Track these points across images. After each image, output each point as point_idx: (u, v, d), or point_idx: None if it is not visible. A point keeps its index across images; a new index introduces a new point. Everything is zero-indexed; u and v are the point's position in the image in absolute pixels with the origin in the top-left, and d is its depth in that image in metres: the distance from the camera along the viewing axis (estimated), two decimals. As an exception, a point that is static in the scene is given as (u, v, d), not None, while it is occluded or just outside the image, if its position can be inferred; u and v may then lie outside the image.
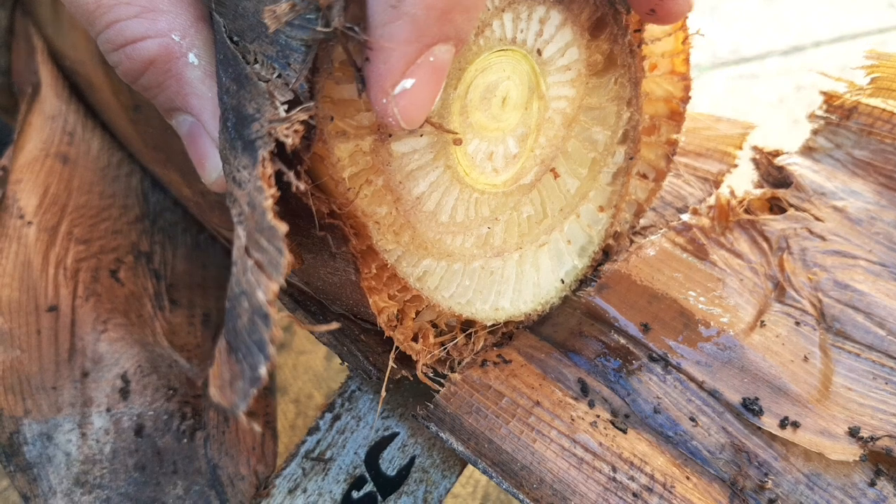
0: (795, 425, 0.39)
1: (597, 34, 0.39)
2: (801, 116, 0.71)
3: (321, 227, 0.33)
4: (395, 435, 0.43)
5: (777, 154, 0.52)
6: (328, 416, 0.43)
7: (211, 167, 0.35)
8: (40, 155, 0.60)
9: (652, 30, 0.42)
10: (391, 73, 0.27)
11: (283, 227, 0.25)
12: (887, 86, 0.51)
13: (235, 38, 0.33)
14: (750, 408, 0.39)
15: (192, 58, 0.34)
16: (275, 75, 0.29)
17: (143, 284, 0.56)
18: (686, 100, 0.45)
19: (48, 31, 0.63)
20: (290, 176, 0.28)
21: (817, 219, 0.48)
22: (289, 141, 0.27)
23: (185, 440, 0.45)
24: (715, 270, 0.45)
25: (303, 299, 0.42)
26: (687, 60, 0.44)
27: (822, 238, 0.48)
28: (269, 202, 0.26)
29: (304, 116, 0.28)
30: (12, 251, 0.52)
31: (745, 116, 0.71)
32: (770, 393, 0.40)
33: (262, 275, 0.25)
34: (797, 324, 0.43)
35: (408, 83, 0.28)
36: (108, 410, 0.46)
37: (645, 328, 0.42)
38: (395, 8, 0.26)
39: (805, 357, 0.42)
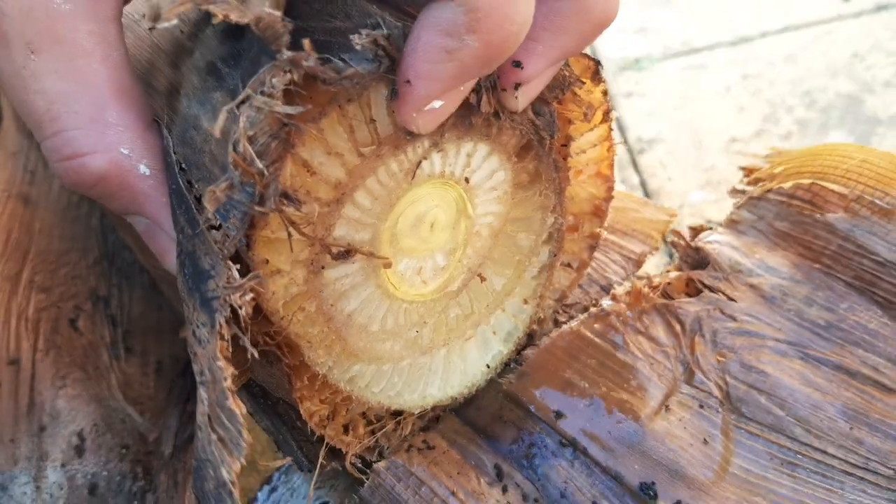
0: (687, 509, 0.44)
1: (523, 156, 0.41)
2: (747, 104, 0.77)
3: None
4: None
5: (701, 230, 0.56)
6: (266, 488, 0.47)
7: (171, 260, 0.36)
8: (2, 196, 0.61)
9: (579, 143, 0.45)
10: (426, 98, 0.32)
11: (241, 410, 0.29)
12: (796, 170, 0.55)
13: (184, 166, 0.35)
14: (647, 492, 0.44)
15: (142, 168, 0.34)
16: (217, 222, 0.32)
17: (101, 333, 0.58)
18: (609, 199, 0.48)
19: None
20: (246, 341, 0.31)
21: (730, 299, 0.52)
22: (242, 311, 0.30)
23: (136, 502, 0.48)
24: (628, 356, 0.49)
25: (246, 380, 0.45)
26: (611, 165, 0.47)
27: (733, 318, 0.52)
28: (229, 383, 0.29)
29: (255, 283, 0.31)
30: (-26, 302, 0.53)
31: (693, 104, 0.76)
32: (667, 477, 0.45)
33: (224, 451, 0.29)
34: (701, 406, 0.48)
35: (437, 104, 0.33)
36: (63, 466, 0.49)
37: (557, 415, 0.46)
38: (449, 53, 0.30)
39: (705, 440, 0.47)
